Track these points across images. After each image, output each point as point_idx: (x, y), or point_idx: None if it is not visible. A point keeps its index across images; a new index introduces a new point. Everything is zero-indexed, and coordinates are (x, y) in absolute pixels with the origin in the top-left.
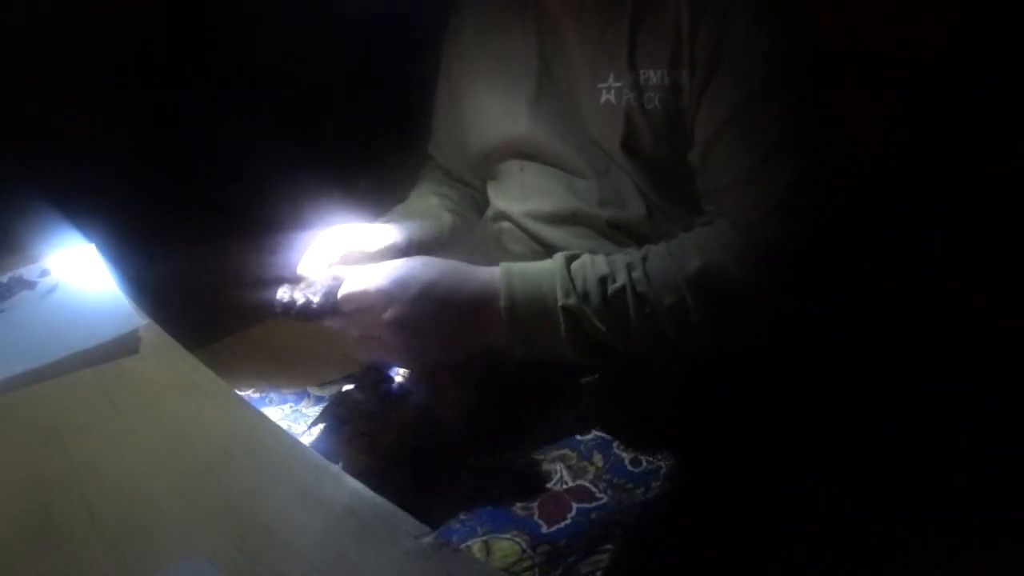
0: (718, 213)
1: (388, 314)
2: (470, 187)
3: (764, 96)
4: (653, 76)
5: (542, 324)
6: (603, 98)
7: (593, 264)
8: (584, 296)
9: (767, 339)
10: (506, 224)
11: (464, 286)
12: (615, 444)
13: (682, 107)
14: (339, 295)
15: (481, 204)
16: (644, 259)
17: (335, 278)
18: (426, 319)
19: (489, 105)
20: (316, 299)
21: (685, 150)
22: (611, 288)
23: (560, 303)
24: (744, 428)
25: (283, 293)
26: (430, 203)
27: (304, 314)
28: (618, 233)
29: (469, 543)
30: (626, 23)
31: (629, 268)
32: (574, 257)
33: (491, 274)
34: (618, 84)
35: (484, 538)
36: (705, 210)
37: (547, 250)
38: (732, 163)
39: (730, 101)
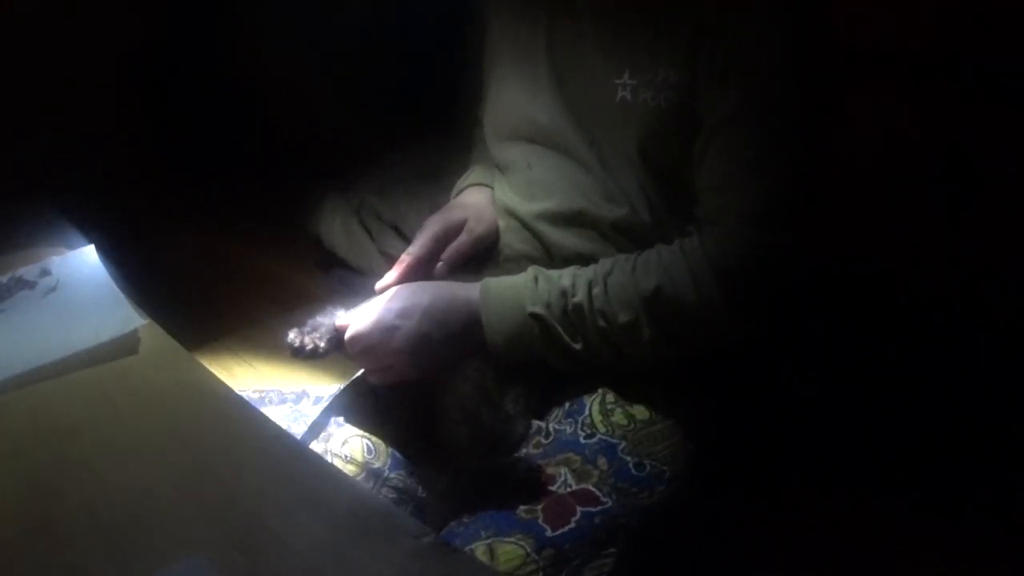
0: (703, 216)
1: (399, 342)
2: None
3: (765, 100)
4: (672, 75)
5: (518, 333)
6: (619, 95)
7: (559, 278)
8: (547, 306)
9: (721, 353)
10: (513, 222)
11: (453, 304)
12: (619, 448)
13: (695, 107)
14: (345, 338)
15: None
16: (608, 274)
17: (336, 316)
18: (431, 337)
19: (511, 92)
20: (322, 344)
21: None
22: (571, 302)
23: (528, 310)
24: (748, 431)
25: (293, 338)
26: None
27: (313, 356)
28: (622, 237)
29: (473, 546)
30: (647, 21)
31: (590, 285)
32: (543, 271)
33: (473, 291)
34: (634, 82)
35: (488, 541)
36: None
37: (550, 252)
38: (722, 162)
39: (733, 98)
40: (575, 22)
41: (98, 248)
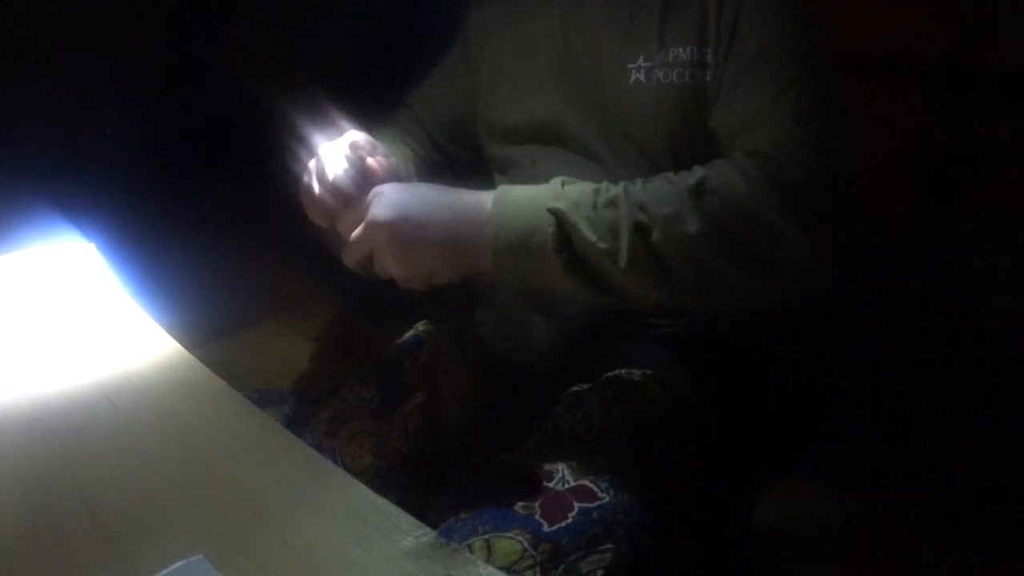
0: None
1: (373, 213)
2: (438, 149)
3: (778, 46)
4: (682, 53)
5: (530, 234)
6: (632, 78)
7: (586, 182)
8: (575, 204)
9: (784, 286)
10: None
11: (454, 193)
12: (618, 443)
13: (707, 82)
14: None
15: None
16: (643, 181)
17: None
18: (412, 217)
19: (510, 88)
20: (346, 173)
21: (709, 125)
22: (603, 196)
23: (548, 206)
24: (746, 427)
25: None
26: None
27: (324, 181)
28: None
29: (470, 542)
30: (656, 7)
31: (625, 185)
32: (571, 181)
33: (483, 193)
34: (648, 64)
35: (486, 537)
36: None
37: None
38: (746, 104)
39: (746, 55)
40: (579, 12)
41: (98, 248)
